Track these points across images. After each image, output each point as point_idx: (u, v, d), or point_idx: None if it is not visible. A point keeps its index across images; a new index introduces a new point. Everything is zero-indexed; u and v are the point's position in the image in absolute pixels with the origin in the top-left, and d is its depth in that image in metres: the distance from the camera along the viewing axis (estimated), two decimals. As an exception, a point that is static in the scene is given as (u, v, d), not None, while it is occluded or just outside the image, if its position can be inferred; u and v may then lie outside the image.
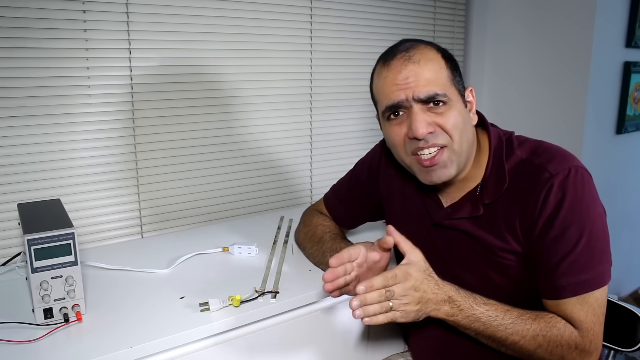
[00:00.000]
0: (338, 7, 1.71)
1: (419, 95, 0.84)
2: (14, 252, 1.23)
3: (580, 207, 0.82)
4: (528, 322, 0.82)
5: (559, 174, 0.83)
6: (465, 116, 0.89)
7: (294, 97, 1.67)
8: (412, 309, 0.78)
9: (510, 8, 2.02)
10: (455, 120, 0.86)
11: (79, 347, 0.83)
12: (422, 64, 0.85)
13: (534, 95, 2.00)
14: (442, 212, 0.95)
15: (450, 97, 0.86)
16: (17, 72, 1.21)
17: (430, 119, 0.85)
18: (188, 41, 1.43)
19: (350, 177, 1.21)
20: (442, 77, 0.86)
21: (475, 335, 0.84)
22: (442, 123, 0.85)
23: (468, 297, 0.82)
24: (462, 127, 0.87)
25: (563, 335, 0.81)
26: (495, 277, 0.90)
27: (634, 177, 2.21)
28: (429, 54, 0.87)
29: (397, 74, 0.86)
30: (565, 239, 0.82)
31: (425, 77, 0.85)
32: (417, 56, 0.86)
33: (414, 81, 0.84)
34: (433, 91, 0.84)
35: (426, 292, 0.79)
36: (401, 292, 0.76)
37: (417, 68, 0.85)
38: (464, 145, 0.88)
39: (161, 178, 1.46)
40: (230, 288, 1.04)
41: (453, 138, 0.86)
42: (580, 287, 0.81)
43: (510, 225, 0.87)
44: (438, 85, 0.85)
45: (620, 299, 1.09)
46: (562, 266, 0.82)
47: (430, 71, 0.85)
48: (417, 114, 0.85)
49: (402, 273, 0.77)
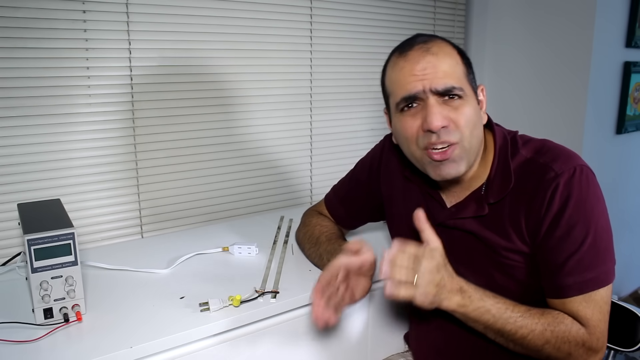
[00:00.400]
0: (338, 7, 1.71)
1: (436, 87, 0.84)
2: (14, 252, 1.23)
3: (586, 206, 0.82)
4: (536, 316, 0.82)
5: (564, 173, 0.83)
6: (478, 114, 0.89)
7: (294, 97, 1.67)
8: (431, 290, 0.78)
9: (510, 8, 2.02)
10: (469, 116, 0.85)
11: (79, 347, 0.83)
12: (441, 56, 0.85)
13: (534, 95, 2.00)
14: (446, 212, 0.95)
15: (466, 92, 0.86)
16: (17, 72, 1.21)
17: (445, 112, 0.84)
18: (188, 41, 1.43)
19: (350, 177, 1.20)
20: (459, 72, 0.86)
21: (484, 329, 0.84)
22: (456, 118, 0.84)
23: (478, 290, 0.83)
24: (474, 125, 0.86)
25: (570, 331, 0.81)
26: (499, 277, 0.89)
27: (634, 177, 2.21)
28: (446, 48, 0.87)
29: (415, 64, 0.85)
30: (572, 237, 0.82)
31: (442, 69, 0.84)
32: (435, 48, 0.86)
33: (432, 72, 0.84)
34: (450, 84, 0.84)
35: (444, 277, 0.79)
36: (426, 269, 0.77)
37: (435, 60, 0.84)
38: (474, 142, 0.87)
39: (161, 178, 1.46)
40: (230, 288, 1.04)
41: (465, 135, 0.85)
42: (586, 285, 0.82)
43: (515, 225, 0.87)
44: (455, 78, 0.85)
45: (620, 299, 1.09)
46: (568, 265, 0.82)
47: (447, 64, 0.85)
48: (433, 106, 0.84)
49: (429, 252, 0.78)
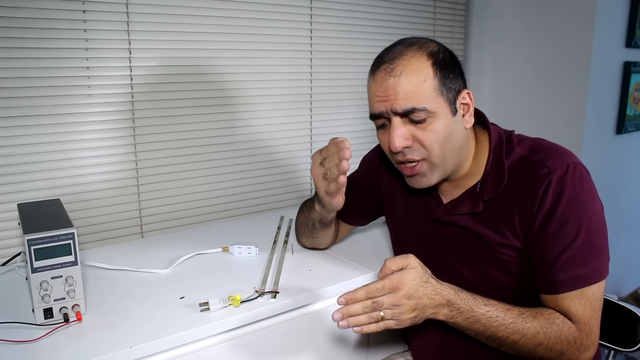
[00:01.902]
0: (338, 7, 1.71)
1: (396, 109, 0.84)
2: (14, 252, 1.23)
3: (579, 203, 0.83)
4: (528, 320, 0.82)
5: (557, 170, 0.83)
6: (452, 126, 0.87)
7: (294, 97, 1.67)
8: (406, 317, 0.78)
9: (510, 8, 2.02)
10: (435, 135, 0.85)
11: (78, 347, 0.83)
12: (403, 77, 0.84)
13: (534, 95, 2.00)
14: (442, 208, 0.96)
15: (433, 110, 0.84)
16: (17, 72, 1.21)
17: (409, 132, 0.86)
18: (188, 41, 1.43)
19: (351, 175, 1.22)
20: (425, 90, 0.84)
21: (475, 335, 0.85)
22: (422, 138, 0.85)
23: (468, 299, 0.82)
24: (445, 140, 0.86)
25: (562, 330, 0.82)
26: (494, 272, 0.91)
27: (634, 177, 2.21)
28: (414, 65, 0.84)
29: (379, 86, 0.86)
30: (564, 233, 0.82)
31: (404, 90, 0.84)
32: (399, 68, 0.84)
33: (393, 95, 0.84)
34: (411, 105, 0.84)
35: (421, 298, 0.78)
36: (392, 302, 0.76)
37: (396, 82, 0.84)
38: (447, 155, 0.88)
39: (161, 178, 1.46)
40: (230, 288, 1.04)
41: (433, 152, 0.86)
42: (578, 281, 0.82)
43: (509, 221, 0.88)
44: (418, 99, 0.83)
45: (620, 299, 1.09)
46: (560, 260, 0.83)
47: (411, 84, 0.84)
48: (394, 128, 0.86)
49: (392, 284, 0.77)
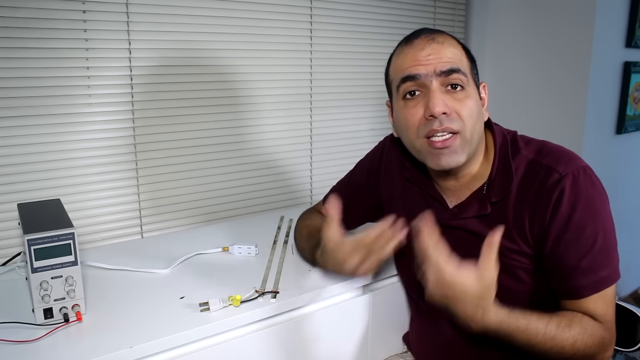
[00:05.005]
0: (338, 7, 1.71)
1: (440, 68, 0.84)
2: (14, 252, 1.23)
3: (594, 207, 0.83)
4: (565, 330, 0.80)
5: (568, 175, 0.83)
6: (480, 108, 0.89)
7: (294, 97, 1.67)
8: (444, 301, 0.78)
9: (510, 8, 2.02)
10: (471, 108, 0.86)
11: (78, 347, 0.83)
12: (446, 45, 0.87)
13: (533, 95, 2.00)
14: (449, 213, 0.94)
15: (469, 84, 0.87)
16: (17, 72, 1.21)
17: (448, 100, 0.85)
18: (188, 41, 1.43)
19: (349, 179, 1.20)
20: (464, 62, 0.88)
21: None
22: (459, 108, 0.85)
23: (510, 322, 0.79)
24: (476, 118, 0.87)
25: (595, 334, 0.81)
26: (503, 278, 0.88)
27: (634, 177, 2.21)
28: (453, 41, 0.89)
29: (420, 50, 0.86)
30: (583, 239, 0.82)
31: (447, 55, 0.86)
32: (441, 38, 0.88)
33: (436, 58, 0.85)
34: (456, 66, 0.85)
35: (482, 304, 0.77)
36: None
37: (440, 47, 0.86)
38: (475, 135, 0.87)
39: (161, 178, 1.46)
40: (230, 288, 1.04)
41: (466, 125, 0.85)
42: (600, 283, 0.83)
43: (519, 226, 0.86)
44: (461, 64, 0.87)
45: (620, 299, 1.09)
46: (582, 266, 0.82)
47: (452, 52, 0.87)
48: (435, 91, 0.84)
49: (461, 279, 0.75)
